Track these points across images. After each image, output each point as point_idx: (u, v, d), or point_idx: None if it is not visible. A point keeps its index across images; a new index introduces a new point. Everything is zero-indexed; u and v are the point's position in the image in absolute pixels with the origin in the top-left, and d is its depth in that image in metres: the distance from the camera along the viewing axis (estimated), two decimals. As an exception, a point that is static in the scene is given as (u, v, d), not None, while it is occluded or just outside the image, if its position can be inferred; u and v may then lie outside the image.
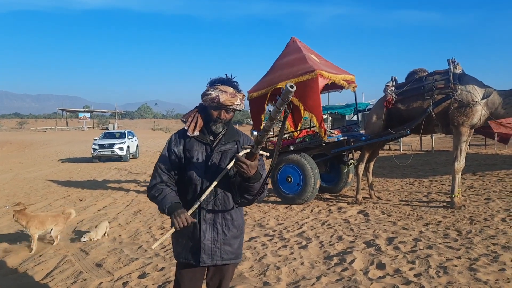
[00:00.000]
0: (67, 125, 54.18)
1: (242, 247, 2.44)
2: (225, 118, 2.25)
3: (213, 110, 2.24)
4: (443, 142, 21.14)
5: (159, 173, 2.30)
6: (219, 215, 2.26)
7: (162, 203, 2.18)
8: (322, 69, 7.45)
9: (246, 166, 1.99)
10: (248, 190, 2.14)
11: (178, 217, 2.08)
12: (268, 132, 1.90)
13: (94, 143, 19.86)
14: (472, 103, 6.47)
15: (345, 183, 8.45)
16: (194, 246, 2.24)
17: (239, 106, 2.25)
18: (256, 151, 1.99)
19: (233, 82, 2.28)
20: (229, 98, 2.19)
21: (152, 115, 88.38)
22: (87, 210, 8.11)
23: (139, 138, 23.41)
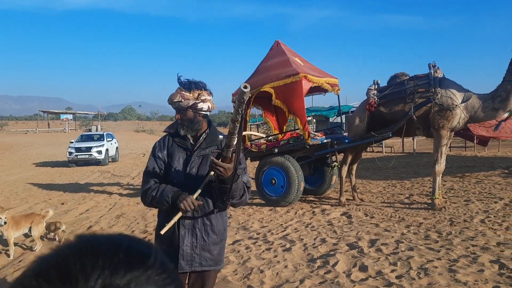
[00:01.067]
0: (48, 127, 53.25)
1: (224, 253, 2.43)
2: (179, 118, 2.28)
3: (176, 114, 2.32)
4: (424, 144, 21.48)
5: (149, 179, 2.30)
6: (198, 220, 2.25)
7: (163, 195, 2.17)
8: (306, 72, 7.51)
9: (223, 170, 2.00)
10: (225, 192, 2.14)
11: (184, 201, 2.09)
12: (233, 135, 1.91)
13: (70, 146, 18.40)
14: (452, 107, 6.61)
15: (329, 185, 8.51)
16: (173, 252, 2.22)
17: (181, 103, 2.22)
18: (227, 154, 1.99)
19: (182, 82, 2.28)
20: (172, 97, 2.25)
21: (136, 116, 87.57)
22: (69, 213, 7.98)
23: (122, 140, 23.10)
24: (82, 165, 18.09)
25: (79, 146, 18.14)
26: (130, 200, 9.08)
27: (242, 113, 1.82)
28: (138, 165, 17.20)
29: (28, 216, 5.69)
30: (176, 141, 2.30)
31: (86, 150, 17.96)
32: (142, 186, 2.33)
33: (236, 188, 2.11)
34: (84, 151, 17.94)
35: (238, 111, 1.78)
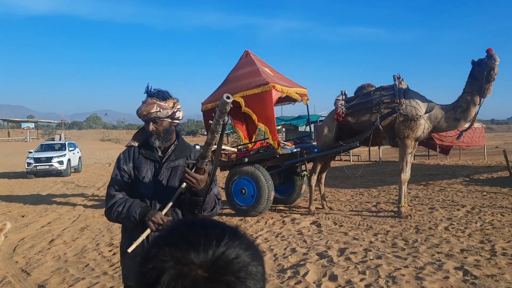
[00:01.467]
0: (8, 136, 51.11)
1: None
2: (154, 129, 2.18)
3: (145, 125, 2.22)
4: (389, 152, 22.07)
5: (115, 193, 2.19)
6: None
7: (130, 211, 2.07)
8: (276, 82, 7.57)
9: (195, 181, 1.96)
10: (197, 205, 2.09)
11: (153, 218, 2.01)
12: (211, 145, 1.88)
13: (28, 156, 17.15)
14: (416, 117, 6.82)
15: (299, 194, 8.56)
16: None
17: (159, 113, 2.16)
18: (202, 166, 1.96)
19: (154, 91, 2.22)
20: (144, 108, 2.17)
21: (102, 125, 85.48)
22: (30, 226, 7.63)
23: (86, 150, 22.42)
24: (42, 176, 17.08)
25: (39, 156, 16.98)
26: (95, 211, 8.79)
27: (224, 123, 1.79)
28: (103, 175, 16.71)
29: None
30: (142, 153, 2.22)
31: (46, 161, 16.85)
32: (107, 200, 2.21)
33: (209, 201, 2.07)
34: (44, 162, 16.82)
35: (219, 121, 1.75)
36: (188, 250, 0.57)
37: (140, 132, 2.31)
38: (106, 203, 2.22)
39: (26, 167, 16.83)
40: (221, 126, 1.78)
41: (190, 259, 0.57)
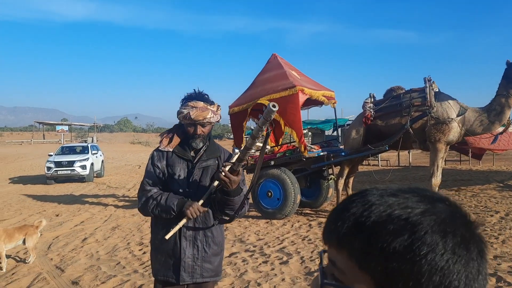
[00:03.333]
0: (44, 138, 53.04)
1: (222, 264, 2.43)
2: (202, 132, 2.26)
3: (188, 127, 2.26)
4: (420, 157, 21.57)
5: (150, 188, 2.26)
6: (199, 232, 2.25)
7: (168, 203, 2.14)
8: (303, 85, 7.56)
9: (229, 181, 2.01)
10: (228, 205, 2.15)
11: (191, 207, 2.08)
12: (250, 150, 1.94)
13: (49, 160, 15.60)
14: (448, 120, 6.67)
15: (325, 198, 8.51)
16: (174, 263, 2.21)
17: (212, 118, 2.25)
18: (237, 168, 2.01)
19: (203, 95, 2.28)
20: (200, 113, 2.21)
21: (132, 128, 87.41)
22: (63, 225, 7.91)
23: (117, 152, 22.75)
24: (61, 182, 15.73)
25: (60, 160, 15.54)
26: (126, 211, 9.03)
27: (268, 131, 1.85)
28: (133, 176, 17.10)
29: (21, 228, 5.63)
30: (176, 152, 2.30)
31: (68, 165, 15.34)
32: (141, 194, 2.26)
33: (239, 201, 2.13)
34: (65, 166, 15.31)
35: (262, 128, 1.80)
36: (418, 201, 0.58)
37: (173, 133, 2.34)
38: (140, 197, 2.26)
39: (46, 172, 15.34)
40: (263, 132, 1.85)
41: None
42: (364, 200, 0.61)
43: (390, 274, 0.54)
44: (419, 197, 0.59)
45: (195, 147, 2.28)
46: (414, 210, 0.56)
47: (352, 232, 0.58)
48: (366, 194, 0.62)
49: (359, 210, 0.59)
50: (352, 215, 0.59)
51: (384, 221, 0.56)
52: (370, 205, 0.59)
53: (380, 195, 0.61)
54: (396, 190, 0.61)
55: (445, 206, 0.58)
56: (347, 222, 0.60)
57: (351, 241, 0.58)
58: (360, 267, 0.57)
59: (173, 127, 2.41)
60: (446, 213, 0.57)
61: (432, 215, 0.56)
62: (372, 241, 0.56)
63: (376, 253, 0.55)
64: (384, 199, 0.59)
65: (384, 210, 0.57)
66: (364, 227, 0.57)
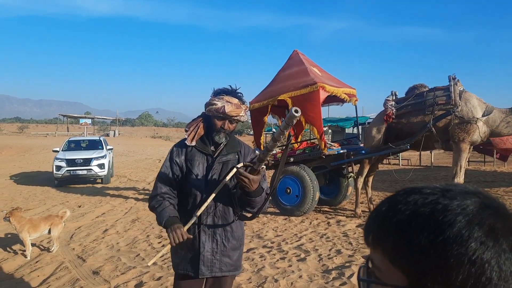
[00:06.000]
0: (67, 131, 54.23)
1: (242, 259, 2.44)
2: (229, 128, 2.27)
3: (217, 120, 2.25)
4: (442, 157, 21.14)
5: (160, 185, 2.29)
6: (219, 226, 2.26)
7: (160, 216, 2.19)
8: (324, 82, 7.50)
9: (248, 181, 2.01)
10: (249, 204, 2.16)
11: (174, 232, 2.08)
12: (271, 152, 1.94)
13: (57, 157, 12.71)
14: (473, 120, 6.51)
15: (344, 196, 8.44)
16: (193, 257, 2.23)
17: (243, 117, 2.28)
18: (258, 168, 2.01)
19: (238, 93, 2.30)
20: (234, 109, 2.21)
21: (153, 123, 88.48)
22: (85, 216, 8.09)
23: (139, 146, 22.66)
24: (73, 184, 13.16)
25: (73, 157, 12.74)
26: (146, 204, 9.13)
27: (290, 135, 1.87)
28: (154, 170, 17.32)
29: (46, 219, 5.80)
30: (196, 146, 2.30)
31: (84, 163, 12.73)
32: (153, 189, 2.33)
33: (260, 201, 2.14)
34: (80, 165, 12.68)
35: (283, 132, 1.81)
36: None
37: (199, 126, 2.32)
38: (152, 190, 2.34)
39: (54, 172, 12.52)
40: (284, 135, 1.86)
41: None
42: (391, 199, 0.64)
43: (419, 269, 0.55)
44: (446, 193, 0.60)
45: (217, 141, 2.28)
46: (438, 205, 0.57)
47: (382, 230, 0.61)
48: (395, 194, 0.65)
49: (387, 209, 0.62)
50: (381, 214, 0.62)
51: (409, 218, 0.58)
52: (396, 203, 0.61)
53: (407, 193, 0.62)
54: (425, 188, 0.62)
55: (476, 199, 0.58)
56: (378, 221, 0.63)
57: (383, 239, 0.60)
58: (393, 264, 0.58)
59: (198, 117, 2.38)
60: (474, 205, 0.57)
61: (457, 208, 0.56)
62: (400, 238, 0.57)
63: (404, 250, 0.57)
64: (411, 197, 0.61)
65: (409, 207, 0.59)
66: (392, 225, 0.59)
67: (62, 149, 13.74)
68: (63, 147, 13.93)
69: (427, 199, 0.59)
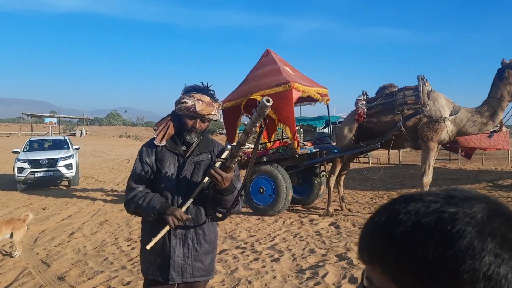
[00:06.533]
0: (31, 130, 52.29)
1: (215, 263, 2.34)
2: (200, 127, 2.17)
3: (188, 119, 2.15)
4: (409, 156, 21.68)
5: (136, 185, 2.17)
6: (190, 230, 2.15)
7: (149, 206, 2.05)
8: (297, 81, 7.50)
9: (220, 178, 1.92)
10: (221, 203, 2.07)
11: (173, 215, 1.98)
12: (243, 146, 1.86)
13: (19, 158, 11.72)
14: (441, 119, 6.65)
15: (317, 195, 8.47)
16: (163, 262, 2.12)
17: (215, 116, 2.18)
18: (230, 165, 1.93)
19: (210, 90, 2.20)
20: (205, 107, 2.11)
21: (121, 122, 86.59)
22: (50, 219, 7.76)
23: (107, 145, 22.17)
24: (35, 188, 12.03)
25: (37, 158, 11.78)
26: (114, 206, 8.89)
27: (262, 127, 1.77)
28: (122, 171, 16.88)
29: (8, 222, 5.50)
30: (166, 146, 2.19)
31: (50, 165, 11.78)
32: (127, 192, 2.18)
33: (232, 199, 2.04)
34: (45, 166, 11.75)
35: (255, 123, 1.72)
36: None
37: (168, 125, 2.22)
38: (126, 195, 2.19)
39: (16, 174, 11.51)
40: (256, 128, 1.76)
41: None
42: (388, 208, 0.56)
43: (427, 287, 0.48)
44: (450, 200, 0.53)
45: (188, 141, 2.18)
46: (444, 214, 0.51)
47: (380, 246, 0.53)
48: (392, 203, 0.58)
49: (385, 220, 0.55)
50: (379, 226, 0.55)
51: (412, 230, 0.51)
52: (395, 213, 0.54)
53: (406, 201, 0.55)
54: (426, 194, 0.56)
55: (483, 206, 0.52)
56: (375, 234, 0.55)
57: (382, 255, 0.53)
58: (395, 283, 0.51)
59: (168, 116, 2.27)
60: (483, 213, 0.51)
61: (466, 217, 0.50)
62: (403, 253, 0.50)
63: (408, 266, 0.49)
64: (411, 206, 0.54)
65: (410, 217, 0.52)
66: (392, 239, 0.52)
67: (23, 149, 12.70)
68: (25, 148, 12.89)
69: (429, 207, 0.52)
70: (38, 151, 12.73)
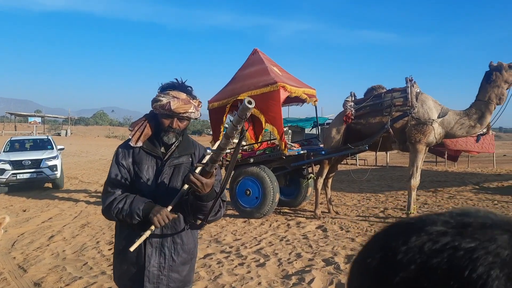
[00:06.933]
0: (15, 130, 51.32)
1: (193, 272, 2.20)
2: (178, 127, 2.02)
3: (164, 119, 2.01)
4: (396, 157, 21.79)
5: (113, 189, 2.01)
6: (167, 238, 2.00)
7: (133, 207, 1.90)
8: (284, 81, 7.39)
9: (200, 184, 1.79)
10: (201, 210, 1.93)
11: (158, 214, 1.84)
12: (224, 150, 1.72)
13: (0, 159, 11.22)
14: (429, 121, 6.61)
15: (304, 197, 8.37)
16: (137, 272, 1.97)
17: (193, 114, 2.02)
18: (211, 170, 1.79)
19: (187, 87, 2.05)
20: (181, 105, 1.97)
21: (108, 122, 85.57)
22: (30, 221, 7.51)
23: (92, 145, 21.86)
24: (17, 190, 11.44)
25: (19, 158, 11.28)
26: (97, 208, 8.66)
27: (244, 131, 1.64)
28: (107, 171, 16.57)
29: None
30: (143, 147, 2.05)
31: (33, 165, 11.27)
32: (104, 197, 2.03)
33: (213, 205, 1.91)
34: (29, 167, 11.23)
35: (236, 127, 1.58)
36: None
37: (144, 125, 2.07)
38: (103, 200, 2.03)
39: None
40: (238, 131, 1.62)
41: None
42: (383, 246, 0.43)
43: None
44: (464, 229, 0.40)
45: (166, 141, 2.04)
46: (458, 252, 0.38)
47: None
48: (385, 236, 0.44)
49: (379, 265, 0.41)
50: (372, 273, 0.42)
51: (417, 277, 0.38)
52: (392, 252, 0.40)
53: (404, 232, 0.42)
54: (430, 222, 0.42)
55: (507, 236, 0.39)
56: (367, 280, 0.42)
57: None
58: None
59: (144, 116, 2.13)
60: (509, 247, 0.38)
61: (488, 256, 0.37)
62: None
63: None
64: (412, 240, 0.40)
65: (413, 259, 0.39)
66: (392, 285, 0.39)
67: (3, 150, 12.14)
68: (5, 148, 12.27)
69: (437, 241, 0.39)
70: (20, 152, 12.19)
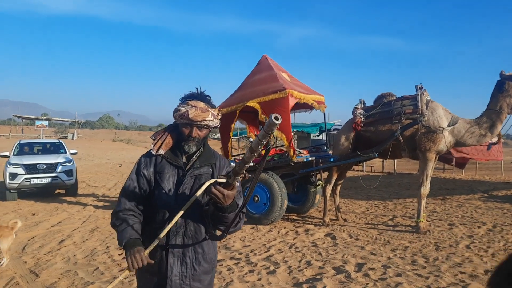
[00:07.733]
0: (22, 133, 51.63)
1: (213, 282, 2.21)
2: (198, 135, 2.05)
3: (184, 128, 2.05)
4: (404, 164, 21.69)
5: (124, 200, 2.06)
6: (189, 248, 2.02)
7: (120, 236, 1.97)
8: (293, 88, 7.42)
9: (222, 196, 1.81)
10: (222, 221, 1.95)
11: (133, 257, 1.86)
12: (247, 164, 1.73)
13: (11, 162, 10.49)
14: (439, 130, 6.60)
15: (312, 204, 8.37)
16: (160, 282, 2.00)
17: (212, 122, 2.05)
18: (233, 182, 1.81)
19: (205, 96, 2.09)
20: (199, 113, 2.00)
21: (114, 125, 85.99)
22: (40, 225, 7.56)
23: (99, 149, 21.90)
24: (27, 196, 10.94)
25: (33, 162, 10.56)
26: (106, 212, 8.71)
27: (269, 146, 1.66)
28: (114, 175, 16.66)
29: None
30: (166, 157, 2.08)
31: (49, 170, 10.63)
32: (117, 204, 2.09)
33: (234, 217, 1.92)
34: (43, 172, 10.55)
35: (262, 142, 1.60)
36: None
37: (166, 134, 2.12)
38: (116, 205, 2.10)
39: (8, 181, 10.19)
40: (262, 146, 1.64)
41: None
42: None
43: None
44: None
45: (187, 150, 2.07)
46: None
47: None
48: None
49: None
50: None
51: None
52: None
53: None
54: None
55: None
56: None
57: None
58: None
59: (167, 126, 2.18)
60: None
61: None
62: None
63: None
64: None
65: None
66: None
67: (13, 153, 11.45)
68: (14, 151, 11.57)
69: None
70: (33, 155, 11.61)
